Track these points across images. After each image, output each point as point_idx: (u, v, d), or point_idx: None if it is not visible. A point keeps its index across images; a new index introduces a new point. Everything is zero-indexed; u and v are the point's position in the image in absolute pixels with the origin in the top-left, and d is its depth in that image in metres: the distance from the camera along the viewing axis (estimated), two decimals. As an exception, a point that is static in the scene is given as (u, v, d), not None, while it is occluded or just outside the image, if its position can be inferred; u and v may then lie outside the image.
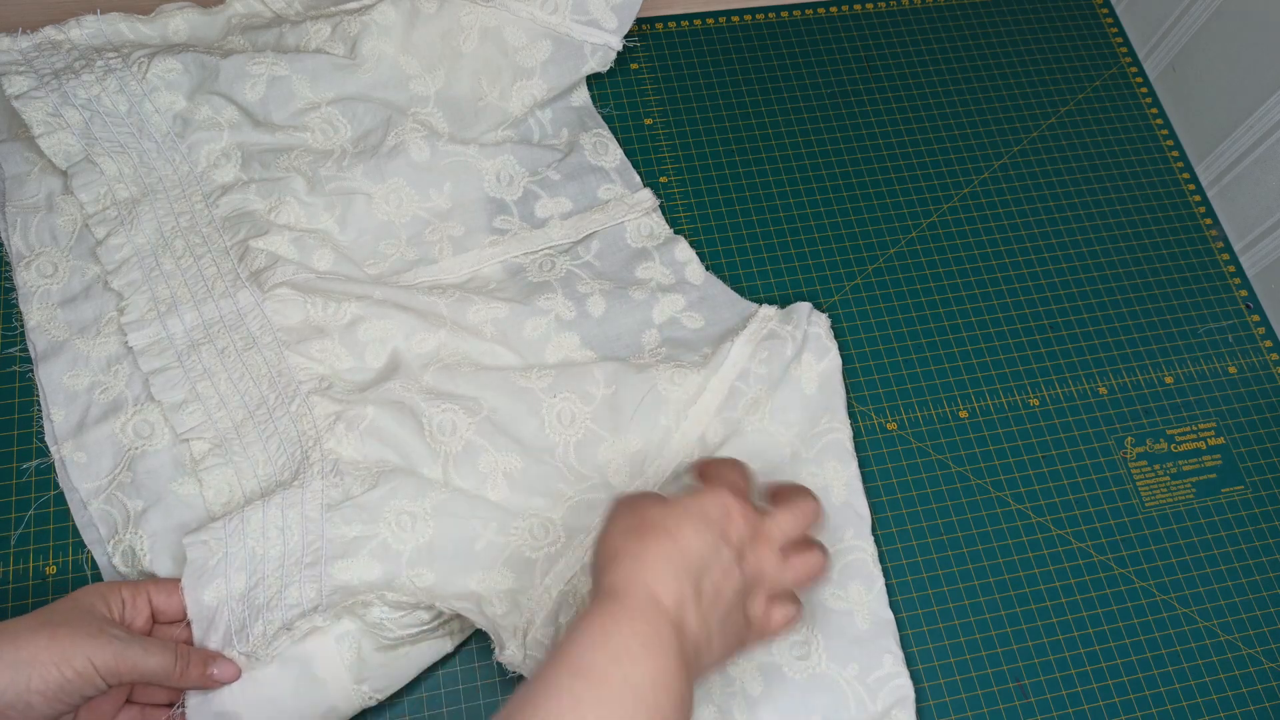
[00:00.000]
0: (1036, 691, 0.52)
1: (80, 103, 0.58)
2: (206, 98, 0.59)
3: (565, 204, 0.62)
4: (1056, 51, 0.73)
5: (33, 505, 0.52)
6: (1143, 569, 0.56)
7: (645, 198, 0.63)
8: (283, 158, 0.60)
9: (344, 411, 0.52)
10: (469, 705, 0.50)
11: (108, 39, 0.62)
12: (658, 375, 0.55)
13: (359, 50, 0.62)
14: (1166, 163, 0.69)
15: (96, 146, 0.58)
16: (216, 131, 0.59)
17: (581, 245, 0.61)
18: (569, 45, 0.64)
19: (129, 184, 0.58)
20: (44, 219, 0.58)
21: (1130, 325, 0.63)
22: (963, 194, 0.67)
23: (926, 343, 0.61)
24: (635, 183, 0.64)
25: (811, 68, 0.70)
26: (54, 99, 0.58)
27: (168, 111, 0.59)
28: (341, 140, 0.61)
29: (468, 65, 0.64)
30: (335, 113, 0.61)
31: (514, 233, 0.61)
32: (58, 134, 0.57)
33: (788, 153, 0.67)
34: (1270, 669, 0.54)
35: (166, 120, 0.59)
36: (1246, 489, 0.58)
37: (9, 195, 0.58)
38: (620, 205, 0.62)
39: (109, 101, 0.58)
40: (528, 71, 0.64)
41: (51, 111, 0.57)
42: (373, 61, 0.62)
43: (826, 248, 0.64)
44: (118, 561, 0.50)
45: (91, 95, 0.58)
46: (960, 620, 0.54)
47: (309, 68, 0.61)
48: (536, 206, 0.62)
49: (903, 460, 0.58)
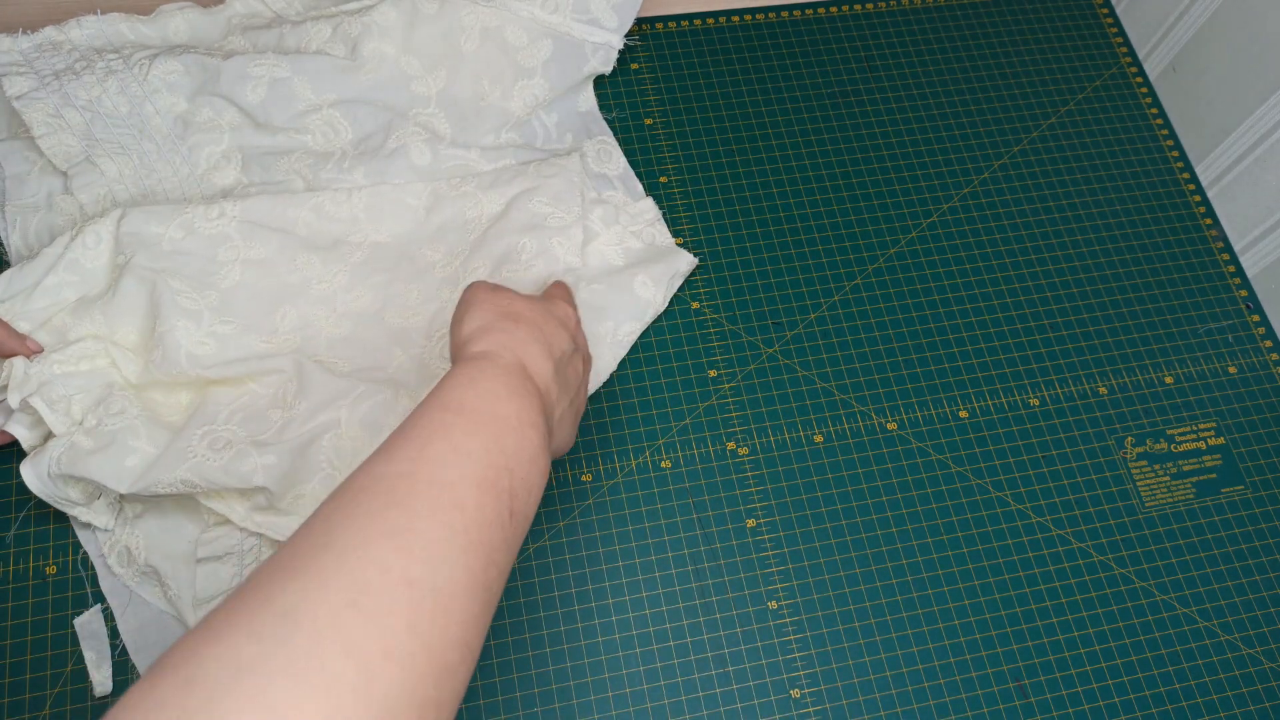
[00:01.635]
0: (1036, 691, 0.52)
1: (81, 104, 0.58)
2: (208, 99, 0.59)
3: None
4: (1056, 51, 0.73)
5: (31, 505, 0.52)
6: (1143, 569, 0.56)
7: (648, 208, 0.63)
8: (283, 160, 0.60)
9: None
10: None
11: (108, 39, 0.62)
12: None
13: (360, 51, 0.62)
14: (1166, 163, 0.69)
15: (97, 148, 0.58)
16: (217, 134, 0.59)
17: None
18: (570, 44, 0.64)
19: (129, 185, 0.58)
20: (43, 218, 0.58)
21: (1130, 325, 0.63)
22: (963, 194, 0.67)
23: (926, 343, 0.61)
24: (638, 191, 0.64)
25: (811, 68, 0.70)
26: (55, 100, 0.58)
27: (168, 113, 0.59)
28: (342, 143, 0.61)
29: (469, 65, 0.64)
30: (336, 115, 0.61)
31: None
32: (58, 135, 0.57)
33: (788, 153, 0.67)
34: (1270, 669, 0.54)
35: (167, 122, 0.59)
36: (1246, 489, 0.58)
37: (9, 195, 0.58)
38: (623, 215, 0.63)
39: (110, 103, 0.58)
40: (529, 71, 0.64)
41: (52, 113, 0.57)
42: (374, 62, 0.62)
43: (826, 248, 0.64)
44: (113, 562, 0.50)
45: (93, 96, 0.58)
46: (960, 620, 0.54)
47: (310, 69, 0.61)
48: None
49: (903, 460, 0.58)
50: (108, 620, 0.50)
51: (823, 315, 0.62)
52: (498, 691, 0.50)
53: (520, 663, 0.51)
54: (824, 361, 0.60)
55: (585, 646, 0.52)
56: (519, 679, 0.51)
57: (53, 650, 0.49)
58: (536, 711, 0.50)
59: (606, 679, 0.51)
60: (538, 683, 0.51)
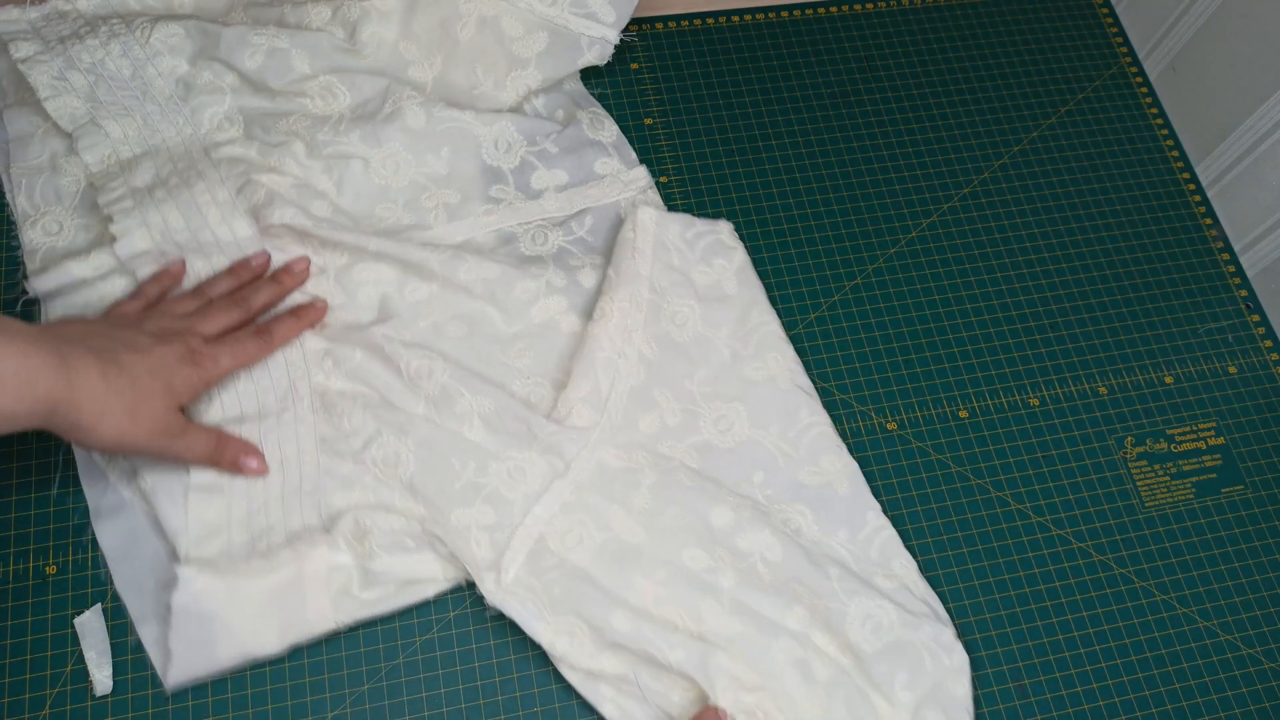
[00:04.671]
0: (1036, 691, 0.52)
1: (85, 67, 0.59)
2: (207, 63, 0.61)
3: (561, 176, 0.63)
4: (1056, 51, 0.73)
5: (32, 505, 0.52)
6: (1143, 569, 0.56)
7: (640, 175, 0.64)
8: (282, 122, 0.61)
9: (333, 349, 0.54)
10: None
11: (114, 9, 0.63)
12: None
13: (359, 36, 0.63)
14: (1166, 163, 0.69)
15: (101, 110, 0.59)
16: (219, 95, 0.60)
17: (575, 220, 0.62)
18: (566, 37, 0.65)
19: (133, 146, 0.59)
20: (48, 179, 0.58)
21: (1130, 325, 0.63)
22: (963, 194, 0.67)
23: (926, 343, 0.61)
24: (631, 158, 0.65)
25: (811, 68, 0.70)
26: (59, 63, 0.59)
27: (170, 75, 0.60)
28: (340, 107, 0.62)
29: (464, 53, 0.64)
30: (334, 80, 0.62)
31: (509, 203, 0.62)
32: (63, 97, 0.59)
33: (788, 153, 0.67)
34: (1270, 669, 0.54)
35: (169, 84, 0.60)
36: (1246, 489, 0.58)
37: (13, 157, 0.59)
38: (616, 183, 0.63)
39: (113, 65, 0.60)
40: (523, 62, 0.65)
41: (57, 75, 0.59)
42: (372, 47, 0.63)
43: (826, 248, 0.64)
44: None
45: (96, 59, 0.60)
46: (960, 620, 0.54)
47: (309, 44, 0.62)
48: (532, 178, 0.63)
49: (903, 460, 0.58)
50: (108, 620, 0.50)
51: (822, 315, 0.62)
52: (498, 691, 0.50)
53: (520, 663, 0.51)
54: (824, 361, 0.60)
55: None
56: (519, 679, 0.51)
57: (53, 650, 0.49)
58: (536, 711, 0.50)
59: (606, 679, 0.51)
60: (538, 682, 0.51)
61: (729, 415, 0.55)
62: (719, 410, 0.56)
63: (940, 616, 0.52)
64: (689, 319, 0.57)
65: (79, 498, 0.52)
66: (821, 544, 0.53)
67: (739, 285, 0.59)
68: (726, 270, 0.59)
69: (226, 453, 0.50)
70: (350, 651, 0.50)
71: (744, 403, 0.56)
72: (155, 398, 0.46)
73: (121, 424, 0.45)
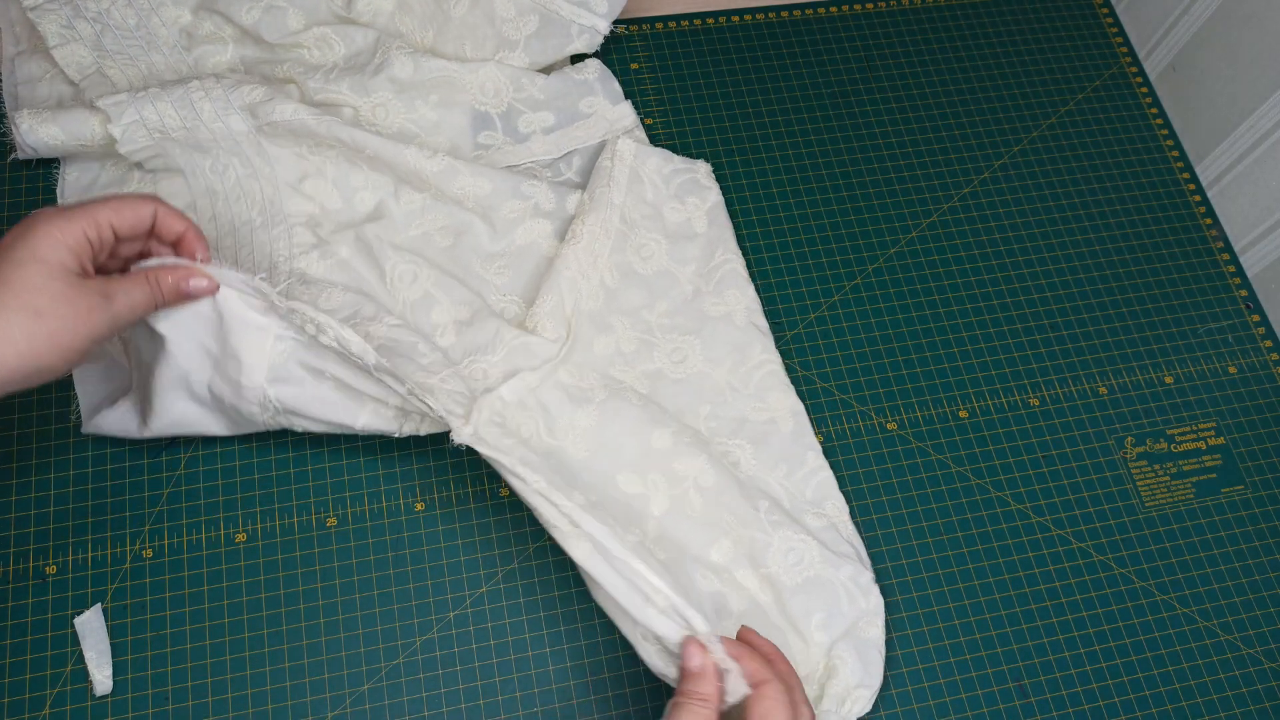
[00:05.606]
0: (1036, 691, 0.52)
1: (91, 15, 0.60)
2: (208, 15, 0.62)
3: (548, 118, 0.64)
4: (1056, 51, 0.73)
5: (32, 505, 0.52)
6: (1143, 569, 0.56)
7: (625, 113, 0.65)
8: (279, 69, 0.61)
9: (321, 245, 0.56)
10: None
11: None
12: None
13: (355, 6, 0.63)
14: (1166, 163, 0.69)
15: (107, 59, 0.60)
16: (221, 45, 0.62)
17: (563, 161, 0.63)
18: (557, 23, 0.65)
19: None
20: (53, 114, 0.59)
21: (1130, 325, 0.63)
22: (963, 194, 0.67)
23: (926, 343, 0.61)
24: (615, 92, 0.66)
25: (811, 68, 0.70)
26: (67, 11, 0.60)
27: (174, 25, 0.61)
28: (335, 57, 0.63)
29: (454, 30, 0.65)
30: (329, 32, 0.63)
31: (497, 147, 0.63)
32: (71, 45, 0.60)
33: (787, 153, 0.67)
34: (1270, 669, 0.54)
35: (173, 33, 0.61)
36: (1246, 489, 0.58)
37: (20, 100, 0.60)
38: (601, 121, 0.64)
39: (119, 15, 0.61)
40: (512, 43, 0.65)
41: (65, 24, 0.60)
42: (368, 16, 0.64)
43: (826, 247, 0.64)
44: None
45: (102, 8, 0.61)
46: (960, 620, 0.54)
47: (306, 5, 0.63)
48: (520, 122, 0.64)
49: (903, 460, 0.58)
50: (108, 620, 0.50)
51: (822, 315, 0.62)
52: (498, 691, 0.50)
53: (520, 663, 0.51)
54: (824, 361, 0.60)
55: (585, 646, 0.52)
56: (519, 679, 0.51)
57: (53, 650, 0.49)
58: (536, 711, 0.50)
59: (606, 679, 0.51)
60: (538, 682, 0.51)
61: (683, 348, 0.57)
62: (674, 342, 0.57)
63: (863, 559, 0.53)
64: (654, 253, 0.59)
65: (79, 497, 0.52)
66: (757, 478, 0.54)
67: (709, 224, 0.61)
68: (699, 209, 0.61)
69: (165, 287, 0.46)
70: (350, 651, 0.50)
71: (699, 336, 0.57)
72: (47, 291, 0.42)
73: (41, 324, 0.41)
